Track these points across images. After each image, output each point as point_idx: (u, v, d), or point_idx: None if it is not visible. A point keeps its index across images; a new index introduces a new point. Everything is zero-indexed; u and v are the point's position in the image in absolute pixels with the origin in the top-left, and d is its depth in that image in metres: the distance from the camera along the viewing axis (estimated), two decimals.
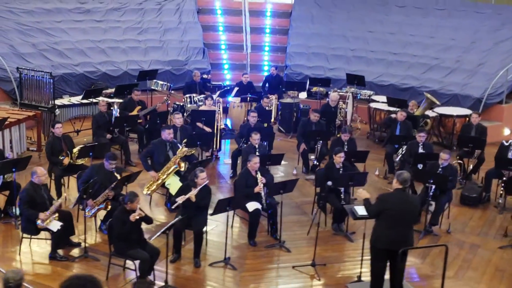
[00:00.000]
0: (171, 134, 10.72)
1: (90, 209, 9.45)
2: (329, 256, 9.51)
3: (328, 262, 9.28)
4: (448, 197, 10.52)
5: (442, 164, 10.46)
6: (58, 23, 17.64)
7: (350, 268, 9.11)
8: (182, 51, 18.01)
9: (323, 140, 12.14)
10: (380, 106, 14.97)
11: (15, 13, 17.27)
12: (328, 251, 9.67)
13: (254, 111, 12.63)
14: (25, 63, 15.67)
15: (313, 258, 9.03)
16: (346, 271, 9.09)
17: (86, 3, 18.71)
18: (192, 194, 8.99)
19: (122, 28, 18.27)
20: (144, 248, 8.31)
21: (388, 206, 7.75)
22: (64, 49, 16.74)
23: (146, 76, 15.03)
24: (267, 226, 10.06)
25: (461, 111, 14.80)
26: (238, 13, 19.45)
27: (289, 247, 9.66)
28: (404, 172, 7.92)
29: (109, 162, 9.54)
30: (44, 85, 13.02)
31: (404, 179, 7.80)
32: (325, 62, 18.06)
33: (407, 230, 7.83)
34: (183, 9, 19.41)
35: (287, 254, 9.51)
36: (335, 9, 19.60)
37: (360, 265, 8.77)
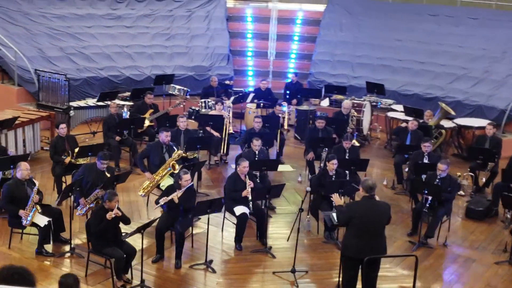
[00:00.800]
0: (168, 136, 10.85)
1: (82, 207, 9.62)
2: (314, 264, 9.43)
3: (312, 269, 9.20)
4: (446, 209, 10.26)
5: (440, 174, 10.22)
6: (88, 28, 18.08)
7: (333, 277, 8.97)
8: (206, 57, 18.18)
9: (327, 147, 12.01)
10: (397, 116, 14.73)
11: (47, 18, 17.81)
12: (314, 259, 9.60)
13: (259, 116, 12.64)
14: (52, 66, 16.13)
15: (293, 264, 8.92)
16: (326, 279, 8.97)
17: (118, 9, 19.15)
18: (175, 195, 9.07)
19: (151, 34, 18.59)
20: (120, 246, 8.40)
21: (356, 214, 7.64)
22: (91, 53, 17.15)
23: (162, 81, 15.23)
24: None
25: (481, 122, 14.40)
26: (268, 20, 19.52)
27: (275, 253, 9.59)
28: (369, 179, 7.82)
29: (101, 161, 9.73)
30: (60, 87, 13.32)
31: (368, 186, 7.68)
32: (349, 70, 17.92)
33: (375, 238, 7.68)
34: (212, 16, 19.60)
35: (271, 259, 9.48)
36: (365, 17, 19.45)
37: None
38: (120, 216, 8.39)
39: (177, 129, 12.03)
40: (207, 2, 20.07)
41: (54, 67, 16.09)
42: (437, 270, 9.40)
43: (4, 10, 17.28)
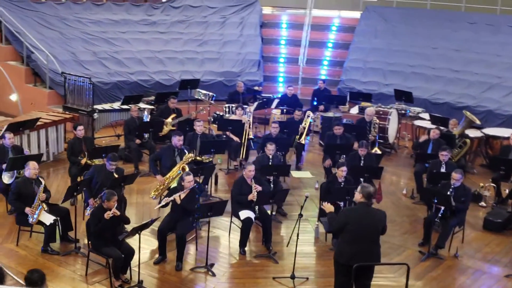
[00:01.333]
0: (180, 140, 10.92)
1: (91, 207, 9.74)
2: (317, 271, 9.34)
3: (314, 276, 9.07)
4: (459, 219, 9.98)
5: (454, 184, 9.96)
6: (123, 33, 18.40)
7: (332, 284, 8.79)
8: (237, 63, 18.25)
9: (345, 154, 11.86)
10: (424, 124, 14.46)
11: (83, 23, 18.20)
12: (318, 265, 9.51)
13: (276, 122, 12.60)
14: (83, 69, 16.48)
15: (292, 270, 8.84)
16: (327, 287, 8.83)
17: (153, 15, 19.44)
18: (177, 196, 9.11)
19: (184, 39, 18.78)
20: (119, 247, 8.48)
21: (350, 221, 7.51)
22: (123, 58, 17.43)
23: (188, 85, 15.34)
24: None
25: (509, 132, 13.96)
26: (302, 27, 19.43)
27: (281, 259, 9.51)
28: (369, 186, 7.66)
29: (110, 163, 9.85)
30: (85, 90, 13.57)
31: (368, 193, 7.54)
32: (380, 78, 17.69)
33: (370, 245, 7.53)
34: (246, 22, 19.68)
35: (273, 265, 9.41)
36: (401, 25, 19.20)
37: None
38: (118, 216, 8.44)
39: (193, 133, 12.08)
40: (242, 8, 20.17)
41: (86, 71, 16.42)
42: (443, 282, 9.15)
43: (41, 14, 17.75)
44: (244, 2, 20.34)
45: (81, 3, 18.94)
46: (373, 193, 7.59)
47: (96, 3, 19.14)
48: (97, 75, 16.44)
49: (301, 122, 13.64)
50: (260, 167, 10.96)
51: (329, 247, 9.98)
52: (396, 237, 10.53)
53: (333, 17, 20.76)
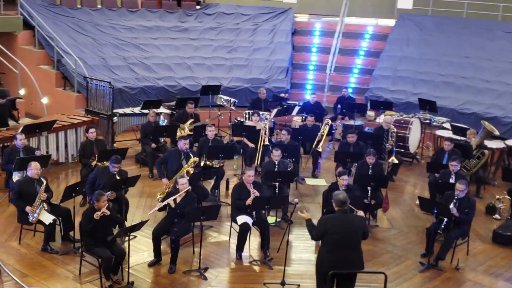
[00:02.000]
0: (186, 144, 11.00)
1: None
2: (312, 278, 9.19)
3: (307, 283, 9.00)
4: (462, 231, 9.76)
5: (458, 195, 9.73)
6: (154, 39, 18.69)
7: None
8: (265, 70, 18.28)
9: (355, 162, 11.74)
10: (445, 134, 14.18)
11: (116, 29, 18.58)
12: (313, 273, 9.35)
13: (286, 129, 12.56)
14: (112, 74, 16.81)
15: (282, 277, 8.79)
16: None
17: (186, 22, 19.70)
18: (171, 200, 9.20)
19: (214, 46, 18.94)
20: (110, 247, 8.60)
21: (329, 229, 7.46)
22: (152, 63, 17.70)
23: (209, 91, 15.45)
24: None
25: None
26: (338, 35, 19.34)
27: (277, 265, 9.46)
28: (340, 193, 7.59)
29: (112, 165, 10.01)
30: (105, 94, 13.84)
31: (339, 200, 7.51)
32: (409, 87, 17.43)
33: (350, 252, 7.45)
34: (278, 29, 19.71)
35: (268, 270, 9.38)
36: (435, 33, 18.91)
37: None
38: (109, 216, 8.56)
39: (205, 138, 12.16)
40: (275, 16, 20.24)
41: (114, 75, 16.77)
42: None
43: (76, 20, 18.21)
44: (278, 9, 20.42)
45: (116, 10, 19.35)
46: (344, 199, 7.50)
47: (130, 9, 19.52)
48: (125, 80, 16.75)
49: (315, 128, 13.54)
50: (265, 173, 10.98)
51: None
52: (399, 247, 10.39)
53: (367, 25, 20.59)
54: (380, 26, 20.59)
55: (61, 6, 18.54)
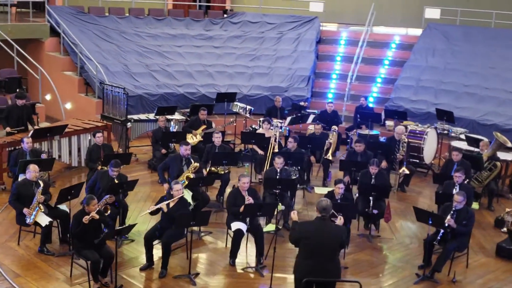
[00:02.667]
0: (187, 150, 11.07)
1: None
2: None
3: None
4: (459, 243, 9.54)
5: (455, 206, 9.53)
6: (178, 47, 18.90)
7: None
8: (286, 78, 18.27)
9: (358, 171, 11.62)
10: (459, 145, 13.91)
11: (141, 37, 18.88)
12: None
13: (293, 136, 12.52)
14: (133, 81, 17.07)
15: (270, 285, 8.75)
16: None
17: (211, 30, 19.89)
18: (163, 204, 9.26)
19: (237, 54, 19.04)
20: (99, 250, 8.70)
21: (304, 235, 7.40)
22: (174, 71, 17.89)
23: (224, 98, 15.51)
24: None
25: None
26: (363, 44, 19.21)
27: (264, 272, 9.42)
28: (323, 200, 7.50)
29: (112, 169, 10.14)
30: (119, 100, 14.04)
31: (322, 207, 7.43)
32: (431, 97, 17.17)
33: (325, 261, 7.35)
34: (302, 38, 19.71)
35: (258, 278, 9.34)
36: (462, 43, 18.64)
37: None
38: (98, 220, 8.66)
39: (212, 144, 12.22)
40: (300, 24, 20.26)
41: (135, 82, 17.03)
42: None
43: (102, 28, 18.57)
44: (304, 18, 20.43)
45: (143, 18, 19.65)
46: (326, 206, 7.42)
47: (157, 17, 19.80)
48: (145, 87, 16.97)
49: (323, 137, 13.47)
50: (265, 180, 10.97)
51: None
52: (398, 257, 10.25)
53: (394, 34, 20.41)
54: (407, 35, 20.41)
55: (89, 14, 18.96)
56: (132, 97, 16.38)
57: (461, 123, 15.73)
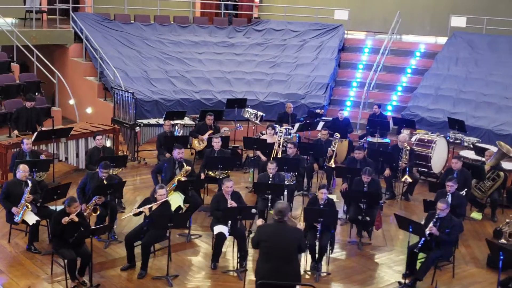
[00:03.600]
0: (180, 153, 11.19)
1: (83, 212, 10.26)
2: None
3: None
4: (443, 252, 9.37)
5: (438, 214, 9.38)
6: (199, 54, 19.13)
7: None
8: (304, 86, 18.23)
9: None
10: (467, 154, 13.63)
11: (163, 43, 19.19)
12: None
13: (292, 142, 12.51)
14: (151, 86, 17.36)
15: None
16: None
17: (234, 38, 20.05)
18: (146, 208, 9.39)
19: (257, 61, 19.13)
20: (77, 249, 8.86)
21: (262, 238, 7.42)
22: (192, 77, 18.09)
23: (234, 104, 15.59)
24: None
25: None
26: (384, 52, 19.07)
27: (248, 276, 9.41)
28: (279, 203, 7.52)
29: (101, 170, 10.34)
30: (128, 104, 14.29)
31: (278, 210, 7.46)
32: (449, 106, 16.85)
33: (283, 264, 7.33)
34: (325, 46, 19.66)
35: (236, 281, 9.35)
36: (486, 52, 18.30)
37: None
38: (77, 222, 8.83)
39: (211, 149, 12.33)
40: (324, 32, 20.21)
41: (153, 87, 17.31)
42: None
43: (126, 34, 18.97)
44: (328, 26, 20.37)
45: (167, 25, 19.97)
46: (281, 209, 7.41)
47: (181, 25, 20.10)
48: (162, 92, 17.21)
49: (328, 144, 13.40)
50: (256, 185, 10.99)
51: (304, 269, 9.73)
52: (384, 265, 10.16)
53: (419, 43, 20.14)
54: (432, 44, 20.09)
55: (114, 21, 19.34)
56: (148, 102, 16.70)
57: (477, 132, 15.43)
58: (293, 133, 14.72)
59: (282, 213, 7.45)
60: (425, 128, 16.16)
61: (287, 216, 7.54)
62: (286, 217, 7.51)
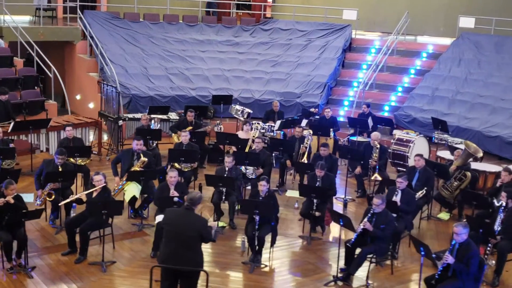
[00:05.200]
0: (138, 145, 11.41)
1: (39, 198, 10.61)
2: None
3: None
4: (377, 247, 9.28)
5: (374, 209, 9.32)
6: (202, 52, 19.37)
7: None
8: (302, 85, 18.23)
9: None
10: (445, 155, 13.41)
11: (168, 41, 19.53)
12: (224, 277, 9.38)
13: (260, 137, 12.65)
14: (148, 82, 17.70)
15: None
16: None
17: (239, 36, 20.21)
18: (83, 194, 9.65)
19: (259, 60, 19.23)
20: (13, 232, 9.15)
21: (167, 222, 7.57)
22: (191, 74, 18.34)
23: (220, 101, 15.73)
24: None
25: None
26: (391, 53, 18.93)
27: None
28: (194, 192, 7.81)
29: (57, 156, 10.68)
30: (113, 98, 14.63)
31: (189, 197, 7.61)
32: (443, 107, 16.60)
33: (183, 249, 7.43)
34: (329, 45, 19.61)
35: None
36: (491, 53, 17.98)
37: None
38: (13, 204, 9.13)
39: (180, 143, 12.53)
40: (331, 32, 20.13)
41: (150, 84, 17.62)
42: None
43: (132, 32, 19.39)
44: (336, 26, 20.31)
45: (175, 24, 20.31)
46: (193, 198, 7.55)
47: (189, 24, 20.39)
48: (159, 89, 17.53)
49: (302, 140, 13.39)
50: (206, 177, 11.11)
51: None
52: (325, 259, 10.17)
53: (427, 43, 19.86)
54: (440, 45, 19.75)
55: (123, 19, 19.78)
56: (143, 97, 17.05)
57: (467, 134, 15.14)
58: (275, 130, 14.75)
59: (192, 201, 7.57)
60: (417, 128, 15.99)
61: (196, 206, 7.63)
62: (195, 206, 7.61)
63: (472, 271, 8.25)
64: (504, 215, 9.71)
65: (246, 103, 17.27)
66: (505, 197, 9.72)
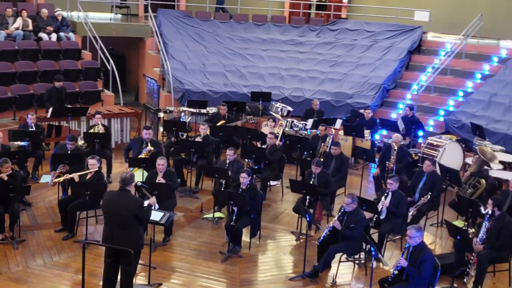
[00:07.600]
0: (147, 134, 11.87)
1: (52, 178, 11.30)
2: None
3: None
4: (346, 246, 9.15)
5: (344, 208, 9.19)
6: (263, 51, 19.59)
7: None
8: (356, 85, 17.93)
9: None
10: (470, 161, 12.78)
11: (232, 40, 19.93)
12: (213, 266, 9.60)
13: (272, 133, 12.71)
14: (204, 78, 18.21)
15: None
16: None
17: (304, 36, 20.22)
18: (76, 175, 10.21)
19: (318, 60, 19.14)
20: (6, 207, 9.84)
21: (104, 203, 7.90)
22: (248, 72, 18.62)
23: (259, 98, 15.86)
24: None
25: None
26: (460, 56, 18.33)
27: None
28: (125, 173, 8.05)
29: (68, 142, 11.33)
30: (154, 91, 15.22)
31: (121, 179, 7.89)
32: (497, 113, 15.64)
33: (119, 230, 7.75)
34: (394, 47, 19.15)
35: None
36: None
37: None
38: (6, 181, 9.83)
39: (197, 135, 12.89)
40: (399, 33, 19.65)
41: (205, 80, 18.13)
42: None
43: (200, 31, 20.02)
44: (406, 27, 19.77)
45: (243, 23, 20.71)
46: (125, 178, 7.81)
47: (257, 23, 20.70)
48: (212, 85, 17.97)
49: (325, 139, 13.29)
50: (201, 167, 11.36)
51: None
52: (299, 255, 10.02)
53: (501, 47, 18.90)
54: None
55: (194, 18, 20.43)
56: (196, 92, 17.56)
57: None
58: (309, 129, 14.71)
59: (124, 181, 7.86)
60: (465, 135, 15.24)
61: (130, 186, 7.90)
62: (128, 186, 7.88)
63: (424, 276, 7.94)
64: (490, 223, 9.17)
65: (296, 102, 17.31)
66: (491, 205, 9.17)
